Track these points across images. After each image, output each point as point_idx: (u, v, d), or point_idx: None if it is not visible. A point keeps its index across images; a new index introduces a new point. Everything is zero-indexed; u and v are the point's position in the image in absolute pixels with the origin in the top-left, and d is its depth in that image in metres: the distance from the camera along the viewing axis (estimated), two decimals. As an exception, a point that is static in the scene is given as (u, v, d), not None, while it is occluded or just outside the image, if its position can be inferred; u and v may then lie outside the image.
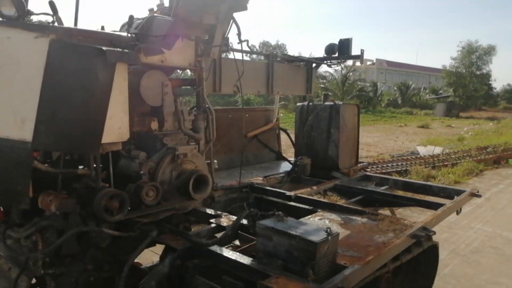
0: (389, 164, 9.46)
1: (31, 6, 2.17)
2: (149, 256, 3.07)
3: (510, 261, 4.63)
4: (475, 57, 36.31)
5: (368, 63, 56.27)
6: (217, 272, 2.18)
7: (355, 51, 4.61)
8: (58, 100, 2.02)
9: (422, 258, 3.57)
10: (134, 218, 2.34)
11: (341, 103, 4.29)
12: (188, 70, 3.03)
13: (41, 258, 2.04)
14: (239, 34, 2.98)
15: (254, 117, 4.92)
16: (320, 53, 4.74)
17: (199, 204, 2.91)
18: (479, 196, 3.73)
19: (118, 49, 2.16)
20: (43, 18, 2.32)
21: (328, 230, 1.97)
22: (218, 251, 2.21)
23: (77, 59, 2.03)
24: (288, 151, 6.02)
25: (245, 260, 2.09)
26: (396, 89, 39.81)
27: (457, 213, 3.49)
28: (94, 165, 2.29)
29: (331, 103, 4.32)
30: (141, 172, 2.44)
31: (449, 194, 3.77)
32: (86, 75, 2.04)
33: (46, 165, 2.22)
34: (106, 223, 2.20)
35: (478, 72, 36.74)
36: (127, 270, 2.11)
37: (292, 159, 4.64)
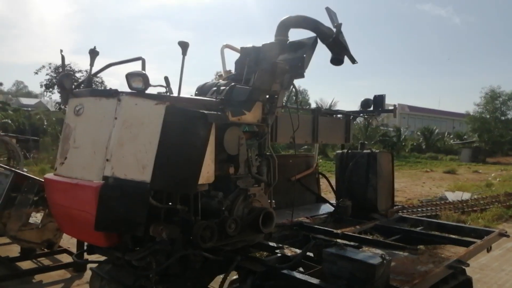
0: (419, 209, 9.70)
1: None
2: None
3: (543, 301, 4.86)
4: (498, 103, 36.46)
5: (390, 107, 56.76)
6: (289, 291, 2.68)
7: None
8: (170, 151, 2.65)
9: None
10: (218, 246, 2.89)
11: (377, 151, 4.84)
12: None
13: (154, 276, 2.59)
14: (296, 96, 3.66)
15: (296, 163, 5.49)
16: (341, 99, 5.32)
17: (261, 239, 3.44)
18: (508, 236, 4.11)
19: (213, 112, 2.82)
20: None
21: (383, 255, 2.46)
22: (291, 274, 2.72)
23: (185, 120, 2.69)
24: (325, 194, 6.49)
25: (314, 280, 2.60)
26: (420, 134, 39.88)
27: (488, 251, 3.89)
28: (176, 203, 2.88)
29: (368, 151, 4.87)
30: (223, 208, 3.00)
31: (480, 234, 4.15)
32: (191, 132, 2.69)
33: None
34: (199, 249, 2.75)
35: (503, 118, 36.73)
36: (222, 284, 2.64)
37: (332, 201, 5.14)
